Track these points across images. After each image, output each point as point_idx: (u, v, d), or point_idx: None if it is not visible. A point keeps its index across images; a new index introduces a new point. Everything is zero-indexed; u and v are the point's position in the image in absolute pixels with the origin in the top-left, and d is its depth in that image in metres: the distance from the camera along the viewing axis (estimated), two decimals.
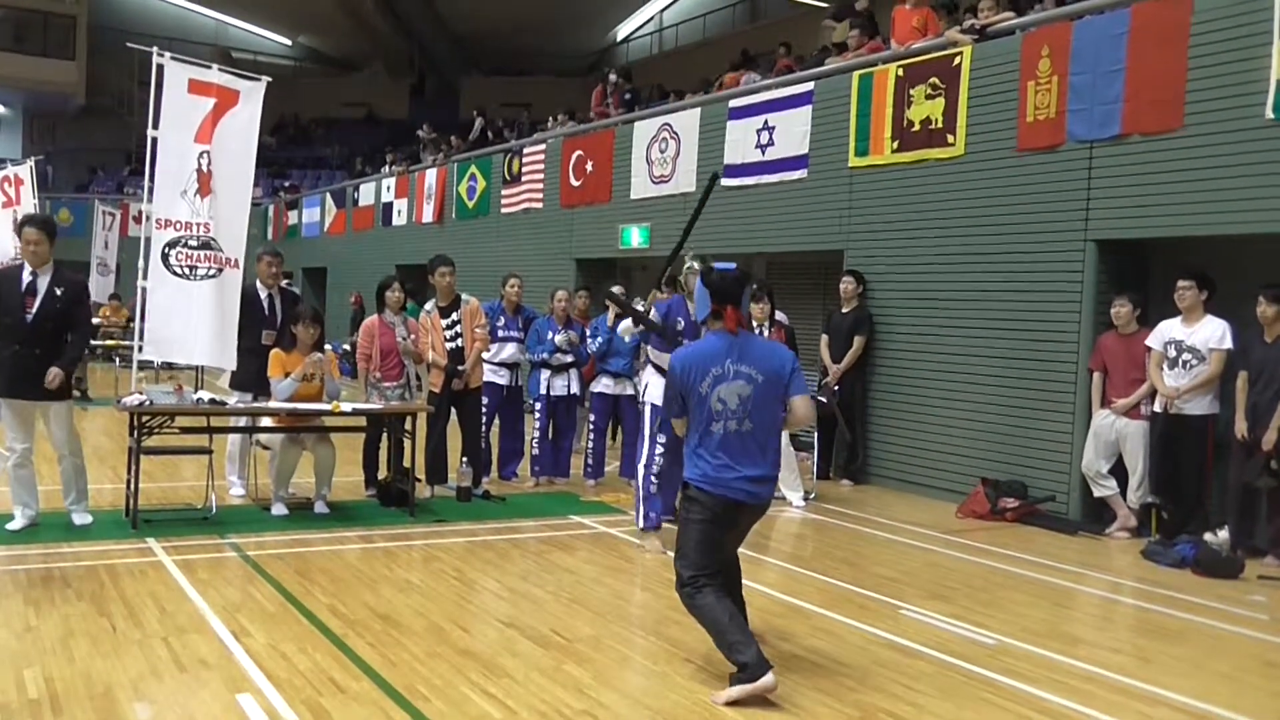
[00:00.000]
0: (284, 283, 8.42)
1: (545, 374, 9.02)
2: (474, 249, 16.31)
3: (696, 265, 6.19)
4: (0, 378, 6.26)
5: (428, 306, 8.30)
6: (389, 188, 20.30)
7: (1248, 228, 7.07)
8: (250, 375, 7.48)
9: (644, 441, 6.95)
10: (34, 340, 6.23)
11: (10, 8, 29.15)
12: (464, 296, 8.27)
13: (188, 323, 7.27)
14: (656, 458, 6.84)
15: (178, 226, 7.28)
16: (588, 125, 15.60)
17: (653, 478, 6.84)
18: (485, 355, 8.61)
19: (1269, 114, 6.87)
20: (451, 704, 3.94)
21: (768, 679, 4.00)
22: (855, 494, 9.21)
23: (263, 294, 7.87)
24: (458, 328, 8.12)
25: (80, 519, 6.67)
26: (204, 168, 7.33)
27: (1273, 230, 6.94)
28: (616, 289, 8.01)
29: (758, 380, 4.27)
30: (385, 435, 8.01)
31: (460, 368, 8.07)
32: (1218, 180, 7.18)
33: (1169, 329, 7.36)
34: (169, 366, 11.45)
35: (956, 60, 9.06)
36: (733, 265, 4.72)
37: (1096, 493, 7.78)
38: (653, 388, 6.92)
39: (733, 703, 4.02)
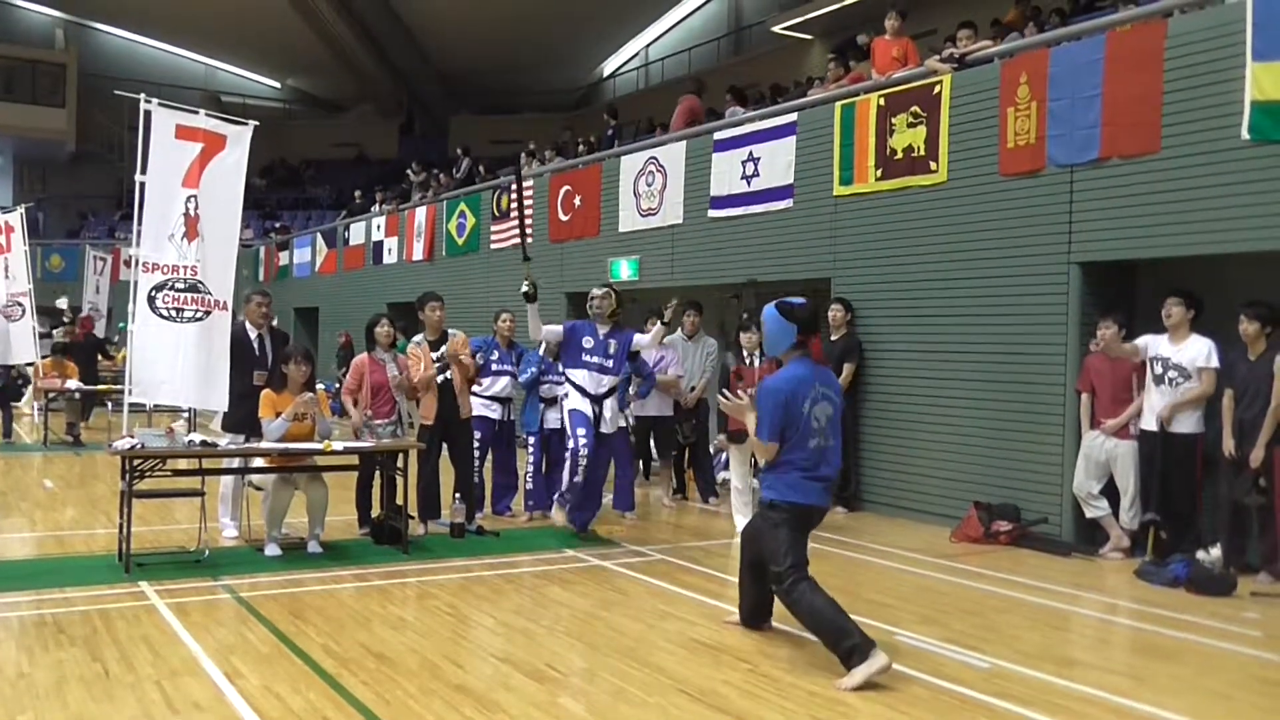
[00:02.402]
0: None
1: (541, 406, 9.03)
2: (465, 285, 16.37)
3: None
4: None
5: (417, 339, 8.33)
6: (379, 226, 20.39)
7: (1227, 247, 7.15)
8: (242, 417, 7.49)
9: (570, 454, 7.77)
10: None
11: (0, 57, 29.38)
12: (451, 331, 8.31)
13: (174, 365, 7.30)
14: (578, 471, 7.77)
15: (165, 270, 7.32)
16: (574, 160, 15.70)
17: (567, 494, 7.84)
18: (477, 389, 8.63)
19: (1245, 135, 6.97)
20: None
21: (880, 657, 4.59)
22: (849, 520, 9.21)
23: (253, 334, 7.89)
24: (446, 360, 8.15)
25: None
26: (191, 211, 7.38)
27: (1252, 249, 7.02)
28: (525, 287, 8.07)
29: (836, 402, 5.12)
30: (378, 473, 8.01)
31: (444, 374, 8.12)
32: (1197, 201, 7.27)
33: (1156, 345, 7.42)
34: (172, 410, 11.43)
35: (937, 89, 9.17)
36: (803, 299, 5.30)
37: (1089, 514, 7.79)
38: (572, 402, 7.93)
39: (858, 687, 4.51)
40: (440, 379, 8.11)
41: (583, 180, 14.40)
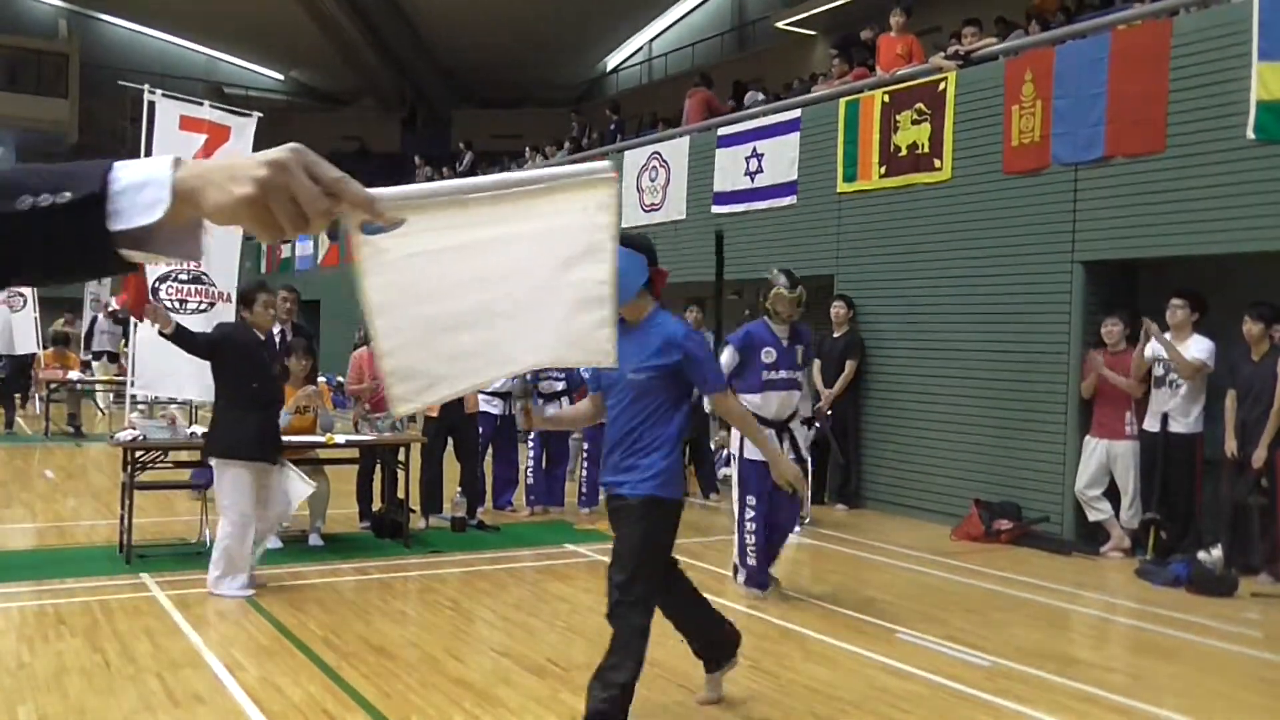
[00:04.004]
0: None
1: (540, 402, 9.03)
2: None
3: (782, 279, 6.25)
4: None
5: None
6: None
7: (1232, 247, 7.14)
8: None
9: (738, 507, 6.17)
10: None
11: (3, 47, 29.35)
12: None
13: (176, 357, 7.29)
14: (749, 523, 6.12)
15: (168, 261, 7.32)
16: (578, 156, 15.68)
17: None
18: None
19: (1250, 134, 6.95)
20: None
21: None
22: (850, 518, 9.21)
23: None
24: None
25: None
26: None
27: (1256, 249, 7.01)
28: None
29: None
30: (379, 466, 8.01)
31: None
32: (1201, 201, 7.26)
33: (1157, 346, 7.41)
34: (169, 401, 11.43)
35: (941, 86, 9.15)
36: None
37: (1091, 517, 7.79)
38: (747, 448, 5.99)
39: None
40: None
41: None
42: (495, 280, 1.34)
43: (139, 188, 0.95)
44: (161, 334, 5.99)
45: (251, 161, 0.98)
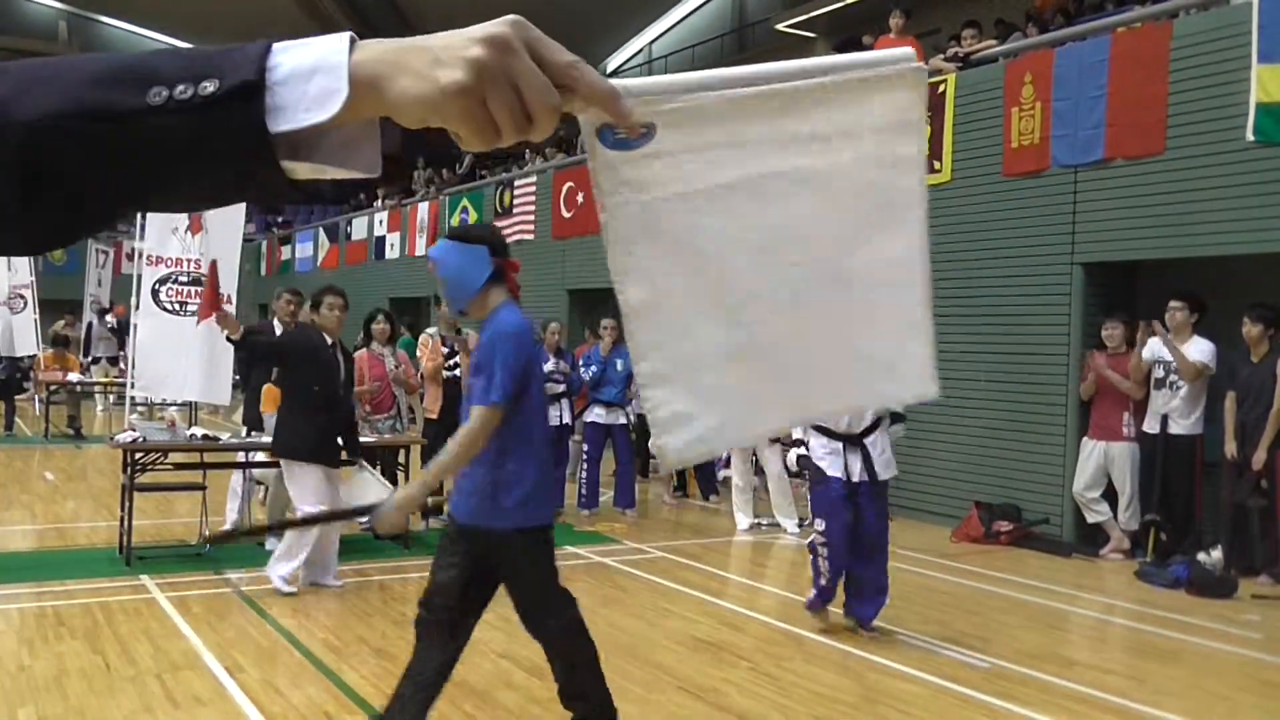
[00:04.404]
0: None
1: None
2: None
3: None
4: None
5: (430, 330, 8.33)
6: (381, 221, 20.39)
7: (1231, 249, 7.14)
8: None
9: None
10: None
11: (2, 49, 29.36)
12: (465, 330, 8.28)
13: (178, 359, 7.31)
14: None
15: (169, 263, 7.33)
16: (578, 156, 15.69)
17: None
18: None
19: (1250, 136, 6.96)
20: None
21: None
22: None
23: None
24: (457, 357, 8.14)
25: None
26: None
27: (1256, 251, 7.01)
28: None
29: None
30: (379, 469, 8.00)
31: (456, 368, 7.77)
32: (1201, 203, 7.26)
33: (1158, 348, 7.41)
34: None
35: (941, 88, 9.16)
36: None
37: (1090, 519, 7.79)
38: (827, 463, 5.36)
39: None
40: (447, 374, 8.10)
41: (586, 177, 14.32)
42: (782, 251, 0.95)
43: (306, 75, 0.73)
44: (229, 340, 6.10)
45: (460, 38, 0.75)
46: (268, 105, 0.71)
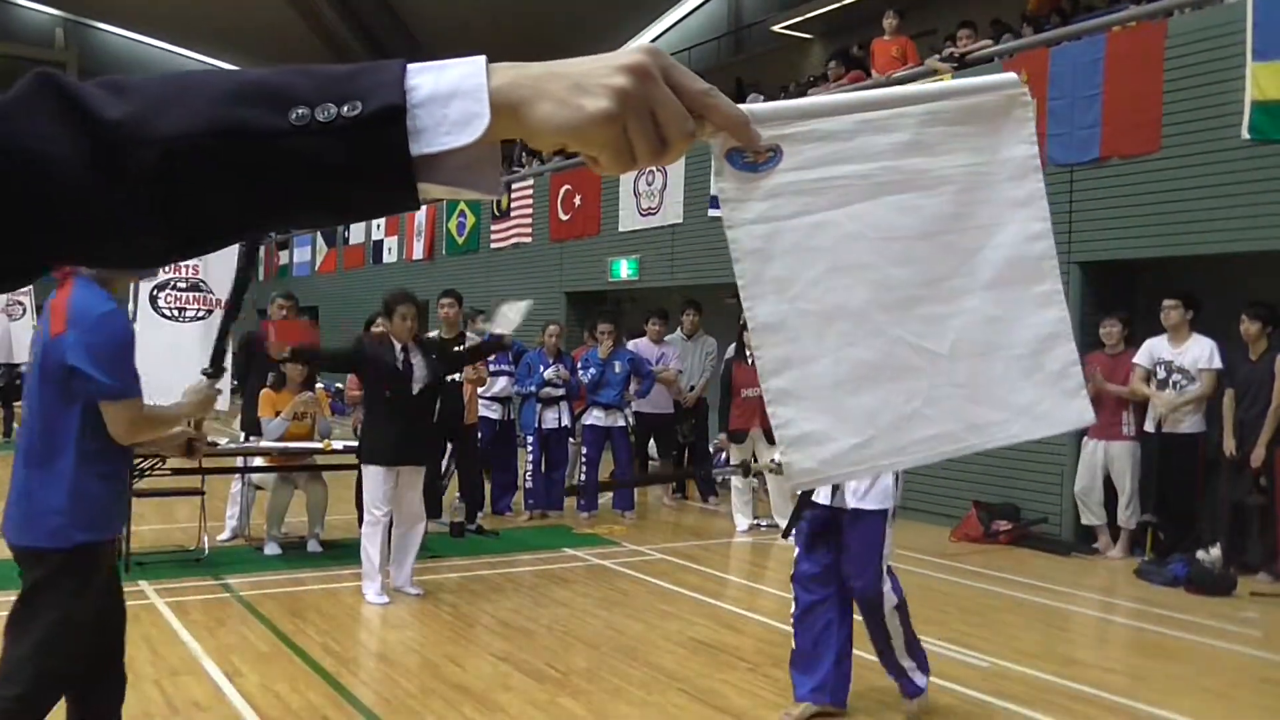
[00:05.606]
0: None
1: (539, 407, 9.02)
2: (465, 284, 16.31)
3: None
4: None
5: (430, 335, 8.31)
6: (379, 226, 20.38)
7: (1228, 247, 7.15)
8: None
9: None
10: None
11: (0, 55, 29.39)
12: (469, 334, 8.25)
13: (176, 365, 7.29)
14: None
15: (166, 269, 7.31)
16: (575, 159, 15.70)
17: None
18: (478, 390, 8.63)
19: (1245, 134, 6.97)
20: None
21: None
22: None
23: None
24: None
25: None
26: None
27: (1253, 249, 7.02)
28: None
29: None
30: None
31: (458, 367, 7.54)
32: (1197, 201, 7.27)
33: (1158, 348, 7.41)
34: None
35: None
36: None
37: (1085, 519, 7.80)
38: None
39: None
40: (448, 379, 8.08)
41: (583, 179, 14.39)
42: (912, 266, 0.97)
43: (445, 98, 0.72)
44: (280, 356, 6.51)
45: (603, 66, 0.75)
46: (409, 128, 0.71)
